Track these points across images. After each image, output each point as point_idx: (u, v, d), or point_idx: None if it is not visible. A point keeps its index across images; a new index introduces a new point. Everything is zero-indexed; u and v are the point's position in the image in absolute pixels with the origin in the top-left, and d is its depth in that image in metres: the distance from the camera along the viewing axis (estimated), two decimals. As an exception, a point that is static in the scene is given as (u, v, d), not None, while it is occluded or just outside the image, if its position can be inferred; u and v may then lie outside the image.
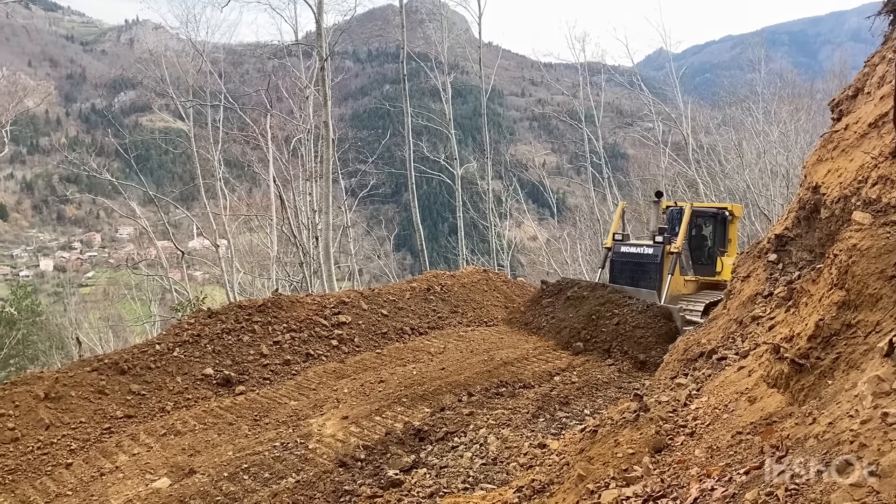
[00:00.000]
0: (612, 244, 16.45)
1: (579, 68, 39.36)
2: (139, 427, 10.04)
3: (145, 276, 37.74)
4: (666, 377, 8.02)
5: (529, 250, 50.36)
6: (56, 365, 27.50)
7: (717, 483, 3.63)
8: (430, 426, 9.12)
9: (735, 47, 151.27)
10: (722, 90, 46.19)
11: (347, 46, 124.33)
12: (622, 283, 15.47)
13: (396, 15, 31.73)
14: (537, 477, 6.18)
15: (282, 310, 13.52)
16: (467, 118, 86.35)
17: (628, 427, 5.35)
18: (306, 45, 28.79)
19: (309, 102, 28.09)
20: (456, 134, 33.56)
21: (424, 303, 15.83)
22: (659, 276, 15.20)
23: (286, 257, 31.87)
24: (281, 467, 8.44)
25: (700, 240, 16.62)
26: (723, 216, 16.53)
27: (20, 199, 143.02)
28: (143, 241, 59.03)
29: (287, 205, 28.07)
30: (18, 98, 35.27)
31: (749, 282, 8.42)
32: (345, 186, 35.02)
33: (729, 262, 16.11)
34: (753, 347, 6.43)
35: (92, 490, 8.43)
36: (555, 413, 9.64)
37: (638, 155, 47.32)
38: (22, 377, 11.15)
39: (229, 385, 11.39)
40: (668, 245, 15.31)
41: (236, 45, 51.57)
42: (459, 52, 41.03)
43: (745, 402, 4.94)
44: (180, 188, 39.20)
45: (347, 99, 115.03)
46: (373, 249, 42.26)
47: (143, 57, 42.98)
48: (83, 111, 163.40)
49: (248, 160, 32.61)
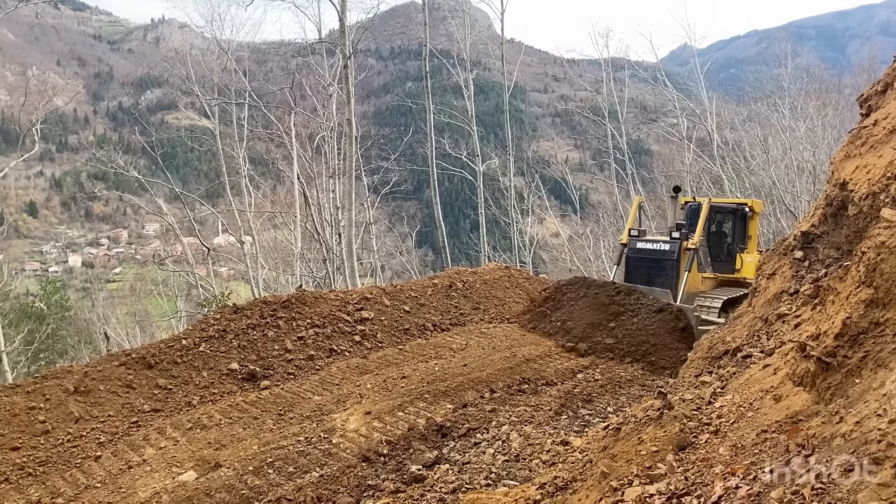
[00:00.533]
0: (627, 240, 16.17)
1: (602, 64, 39.14)
2: (166, 421, 10.18)
3: (171, 272, 38.19)
4: (690, 375, 7.97)
5: (552, 247, 50.21)
6: (84, 359, 27.98)
7: (741, 481, 3.61)
8: (452, 422, 9.15)
9: (761, 42, 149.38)
10: (747, 85, 45.75)
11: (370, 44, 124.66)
12: (638, 280, 15.21)
13: (419, 12, 31.78)
14: (560, 474, 6.18)
15: (306, 305, 13.62)
16: (489, 115, 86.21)
17: (652, 425, 5.33)
18: (330, 43, 28.93)
19: (332, 100, 28.22)
20: (478, 130, 33.53)
21: (446, 299, 15.86)
22: (676, 273, 14.97)
23: (310, 254, 32.07)
24: (305, 462, 8.52)
25: (719, 236, 16.44)
26: (742, 212, 16.27)
27: (49, 196, 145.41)
28: (169, 238, 59.77)
29: (311, 202, 28.25)
30: (48, 97, 35.76)
31: (775, 279, 8.34)
32: (367, 183, 35.15)
33: (749, 259, 15.78)
34: (779, 345, 6.37)
35: (120, 482, 8.57)
36: (578, 410, 9.62)
37: (662, 151, 46.95)
38: (52, 371, 11.35)
39: (254, 380, 11.50)
40: (686, 241, 15.04)
41: (261, 43, 51.88)
42: (482, 48, 40.92)
43: (771, 400, 4.90)
44: (206, 185, 39.63)
45: (370, 96, 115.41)
46: (395, 246, 42.39)
47: (169, 55, 43.46)
48: (110, 109, 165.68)
49: (273, 157, 32.83)
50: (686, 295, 14.60)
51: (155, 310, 46.80)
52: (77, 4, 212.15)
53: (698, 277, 15.20)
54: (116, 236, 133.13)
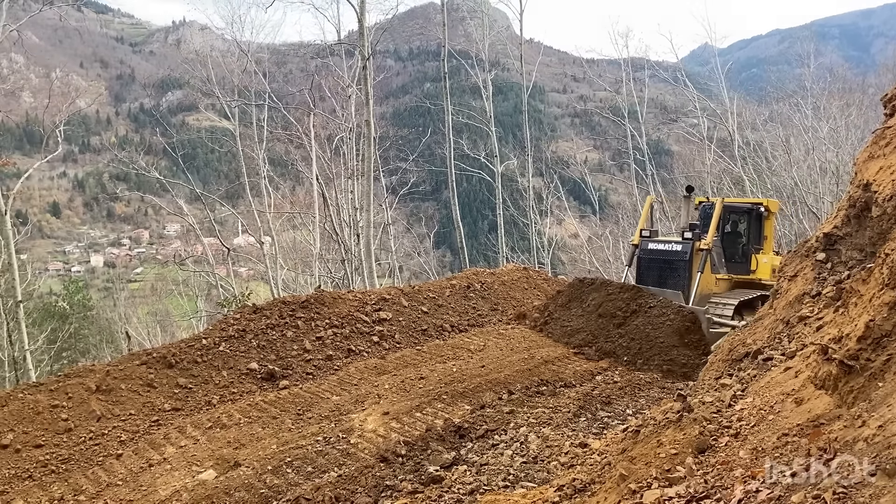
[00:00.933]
0: (639, 241, 15.90)
1: (622, 64, 38.97)
2: (186, 420, 10.26)
3: (192, 272, 38.53)
4: (710, 377, 7.91)
5: (570, 248, 50.06)
6: (106, 358, 28.31)
7: (762, 485, 3.58)
8: (470, 423, 9.15)
9: (783, 41, 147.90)
10: (769, 85, 45.34)
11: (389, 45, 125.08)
12: (649, 281, 14.94)
13: (438, 13, 31.83)
14: (578, 476, 6.15)
15: (324, 306, 13.69)
16: (508, 115, 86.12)
17: (671, 427, 5.30)
18: (349, 45, 29.04)
19: (351, 101, 28.34)
20: (496, 131, 33.50)
21: (464, 300, 15.86)
22: (688, 275, 14.68)
23: (328, 254, 32.20)
24: (323, 461, 8.55)
25: (734, 237, 16.14)
26: (758, 212, 15.93)
27: (72, 197, 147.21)
28: (189, 238, 60.26)
29: (329, 202, 28.37)
30: (71, 99, 36.29)
31: (796, 281, 8.25)
32: (386, 184, 35.24)
33: (764, 260, 15.54)
34: (801, 348, 6.31)
35: (141, 480, 8.66)
36: (596, 412, 9.58)
37: (682, 151, 46.65)
38: (75, 370, 11.50)
39: (273, 379, 11.57)
40: (698, 241, 14.74)
41: (280, 44, 52.29)
42: (500, 49, 40.92)
43: (792, 403, 4.86)
44: (226, 186, 39.99)
45: (389, 97, 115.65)
46: (413, 247, 42.47)
47: (190, 57, 43.82)
48: (132, 111, 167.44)
49: (292, 158, 33.04)
50: (699, 296, 14.36)
51: (175, 309, 47.26)
52: (100, 7, 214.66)
53: (712, 279, 14.94)
54: (138, 236, 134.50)
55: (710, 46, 41.03)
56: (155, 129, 48.14)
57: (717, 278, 15.04)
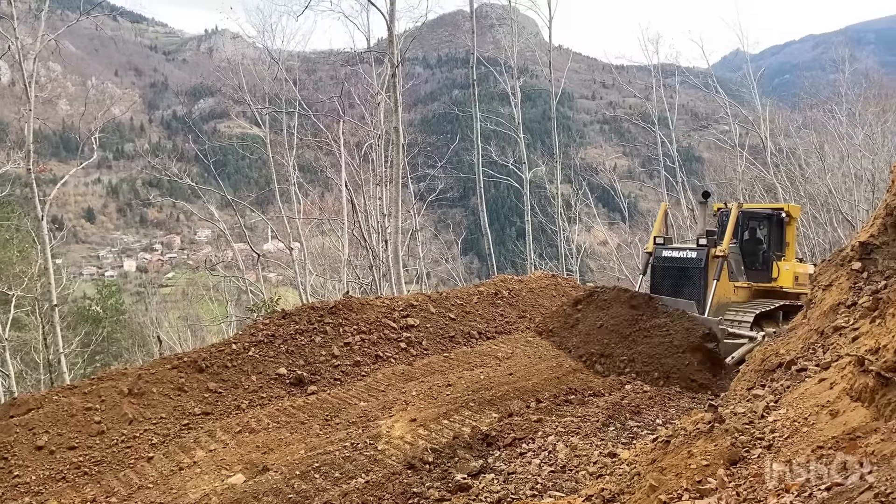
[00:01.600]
0: (653, 248, 15.48)
1: (652, 70, 38.65)
2: (216, 424, 10.36)
3: (222, 277, 38.97)
4: (742, 388, 7.79)
5: (599, 255, 49.69)
6: (138, 362, 28.71)
7: (796, 498, 3.52)
8: (497, 431, 9.11)
9: (817, 47, 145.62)
10: (802, 91, 44.69)
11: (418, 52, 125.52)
12: (664, 290, 14.45)
13: (466, 20, 31.92)
14: (607, 486, 6.10)
15: (352, 312, 13.74)
16: (536, 122, 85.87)
17: (702, 438, 5.23)
18: (378, 52, 29.23)
19: (380, 108, 28.49)
20: (525, 138, 33.43)
21: (492, 307, 15.81)
22: (703, 283, 14.24)
23: (356, 260, 32.36)
24: (351, 467, 8.57)
25: (754, 243, 15.68)
26: (779, 218, 15.49)
27: (106, 203, 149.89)
28: (220, 244, 61.05)
29: (358, 209, 28.51)
30: (106, 106, 36.98)
31: (831, 291, 8.11)
32: (413, 191, 35.34)
33: (786, 268, 15.12)
34: (836, 359, 6.19)
35: (171, 483, 8.77)
36: (625, 422, 9.48)
37: (713, 158, 46.18)
38: (108, 373, 11.69)
39: (301, 385, 11.64)
40: (713, 248, 14.27)
41: (310, 52, 52.69)
42: (529, 55, 40.81)
43: (827, 415, 4.77)
44: (256, 192, 40.37)
45: (417, 104, 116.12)
46: (440, 253, 42.47)
47: (222, 65, 44.48)
48: (165, 118, 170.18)
49: (321, 165, 33.27)
50: (716, 305, 13.91)
51: (206, 314, 47.79)
52: (134, 16, 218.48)
53: (730, 287, 14.54)
54: (170, 242, 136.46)
55: (742, 52, 40.53)
56: (187, 136, 48.84)
57: (735, 286, 14.67)
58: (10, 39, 21.28)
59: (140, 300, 64.78)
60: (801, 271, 15.29)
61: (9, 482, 8.94)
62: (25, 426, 9.73)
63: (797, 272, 15.18)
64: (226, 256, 44.95)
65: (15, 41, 21.23)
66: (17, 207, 31.93)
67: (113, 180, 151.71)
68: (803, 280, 14.72)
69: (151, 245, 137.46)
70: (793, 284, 14.91)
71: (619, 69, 58.46)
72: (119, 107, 65.78)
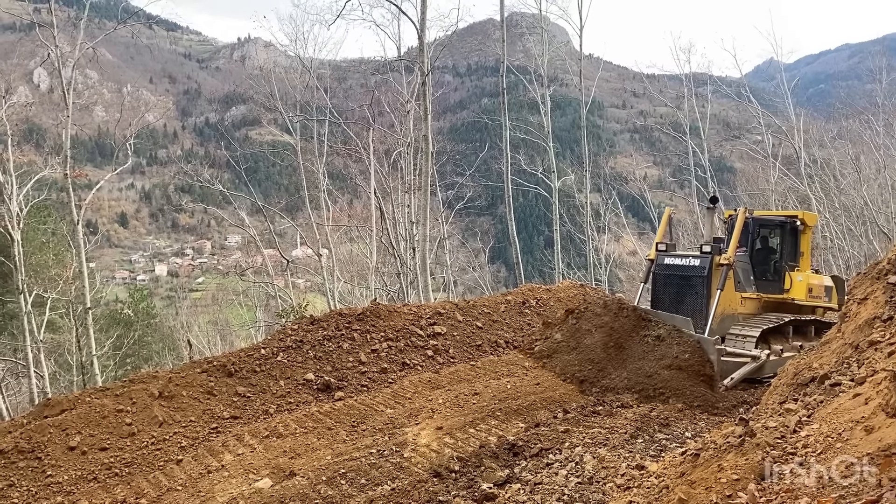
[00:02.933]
0: (655, 255, 14.51)
1: (684, 79, 38.38)
2: (244, 428, 10.45)
3: (252, 282, 39.37)
4: (774, 402, 7.67)
5: (629, 265, 49.30)
6: (168, 365, 29.09)
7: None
8: (524, 441, 9.06)
9: (853, 56, 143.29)
10: (838, 101, 44.09)
11: (447, 61, 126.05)
12: (666, 299, 13.78)
13: (497, 29, 31.95)
14: (635, 499, 6.04)
15: (380, 319, 13.78)
16: (566, 130, 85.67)
17: (733, 452, 5.15)
18: (408, 61, 29.42)
19: (409, 116, 28.66)
20: (554, 146, 33.34)
21: (519, 316, 15.75)
22: (707, 293, 13.26)
23: (384, 267, 32.51)
24: (377, 474, 8.59)
25: (766, 252, 14.93)
26: (792, 226, 14.70)
27: (139, 208, 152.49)
28: (250, 249, 61.57)
29: (386, 216, 28.67)
30: (141, 113, 37.64)
31: (866, 304, 7.95)
32: (442, 198, 35.42)
33: (799, 279, 14.31)
34: (871, 374, 6.07)
35: (199, 486, 8.85)
36: (654, 434, 9.37)
37: (746, 169, 45.62)
38: (139, 376, 11.85)
39: (329, 391, 11.69)
40: (718, 256, 13.29)
41: (341, 61, 53.25)
42: (559, 64, 40.77)
43: (861, 431, 4.67)
44: (286, 199, 40.80)
45: (446, 112, 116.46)
46: (468, 261, 42.49)
47: (254, 73, 45.10)
48: (198, 125, 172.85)
49: (351, 172, 33.54)
50: (720, 317, 13.11)
51: (235, 319, 48.31)
52: (169, 25, 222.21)
53: (736, 297, 13.64)
54: (200, 247, 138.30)
55: (776, 62, 40.01)
56: (219, 143, 49.71)
57: (742, 297, 13.78)
58: (50, 47, 21.82)
59: (171, 304, 65.77)
60: (816, 283, 14.68)
61: (42, 481, 9.10)
62: (59, 426, 9.90)
63: (811, 284, 14.49)
64: (255, 262, 45.36)
65: (55, 49, 21.76)
66: (54, 212, 32.64)
67: (146, 186, 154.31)
68: (818, 292, 14.25)
69: (182, 250, 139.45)
70: (806, 297, 14.24)
71: (650, 78, 58.39)
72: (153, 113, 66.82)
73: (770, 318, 13.57)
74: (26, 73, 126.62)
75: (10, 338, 26.49)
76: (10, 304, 25.98)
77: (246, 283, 42.05)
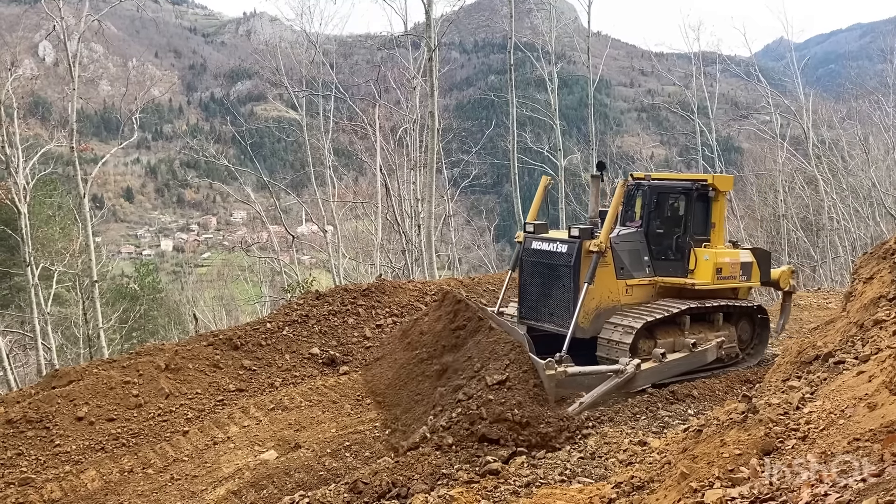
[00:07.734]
0: (523, 238, 12.14)
1: (692, 58, 37.97)
2: (249, 401, 10.55)
3: (257, 258, 39.46)
4: (777, 379, 7.70)
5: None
6: (174, 339, 29.29)
7: (831, 488, 3.48)
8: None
9: (864, 36, 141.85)
10: (848, 82, 43.69)
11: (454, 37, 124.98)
12: (533, 292, 11.69)
13: (504, 5, 31.69)
14: (637, 474, 6.10)
15: (385, 295, 13.84)
16: (573, 109, 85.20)
17: (735, 428, 5.19)
18: (415, 36, 29.14)
19: (416, 93, 28.46)
20: (560, 124, 33.14)
21: (525, 294, 15.75)
22: (574, 286, 10.90)
23: (389, 244, 32.51)
24: (380, 447, 8.68)
25: (669, 225, 12.19)
26: (700, 192, 11.93)
27: (145, 183, 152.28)
28: (255, 225, 61.69)
29: (392, 193, 28.61)
30: (146, 88, 37.56)
31: (872, 284, 7.96)
32: (447, 176, 35.30)
33: (705, 257, 11.76)
34: (875, 352, 6.09)
35: (205, 457, 8.96)
36: (657, 412, 9.45)
37: (753, 149, 45.36)
38: (146, 348, 11.95)
39: (334, 365, 11.78)
40: (588, 241, 10.95)
41: (347, 36, 52.88)
42: (567, 41, 40.35)
43: (864, 408, 4.70)
44: (291, 175, 40.66)
45: (452, 89, 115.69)
46: (473, 239, 42.47)
47: (260, 48, 44.85)
48: (203, 100, 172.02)
49: (356, 149, 33.40)
50: (593, 314, 10.98)
51: (240, 294, 48.46)
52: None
53: (618, 287, 11.29)
54: (206, 223, 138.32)
55: (786, 41, 39.66)
56: (225, 119, 49.53)
57: (627, 285, 11.39)
58: (56, 20, 21.69)
59: (176, 279, 65.92)
60: (729, 260, 12.00)
61: (50, 451, 9.22)
62: (66, 397, 10.01)
63: (720, 262, 11.81)
64: (261, 238, 45.47)
65: (60, 21, 21.63)
66: (60, 185, 32.66)
67: (151, 161, 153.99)
68: (730, 271, 11.86)
69: (188, 225, 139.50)
70: (712, 279, 11.66)
71: (658, 56, 57.49)
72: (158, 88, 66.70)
73: (655, 310, 11.13)
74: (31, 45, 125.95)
75: (18, 310, 26.65)
76: (17, 277, 26.12)
77: (251, 259, 42.18)
